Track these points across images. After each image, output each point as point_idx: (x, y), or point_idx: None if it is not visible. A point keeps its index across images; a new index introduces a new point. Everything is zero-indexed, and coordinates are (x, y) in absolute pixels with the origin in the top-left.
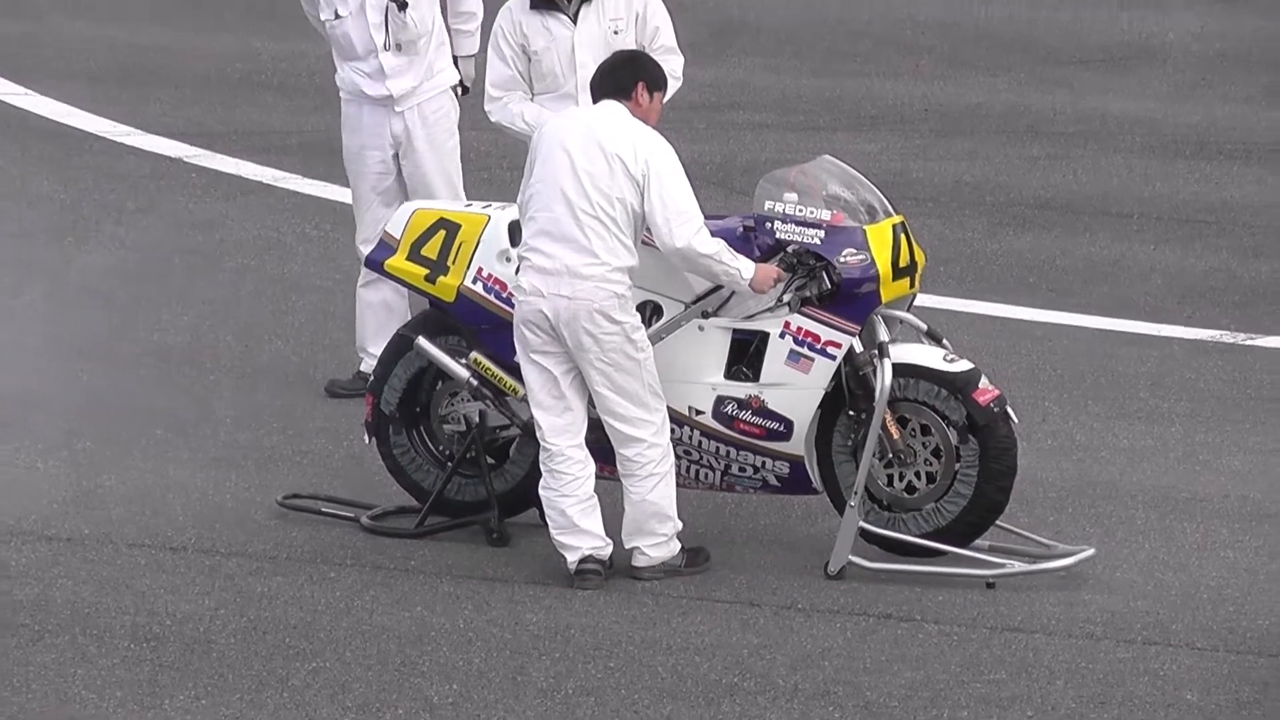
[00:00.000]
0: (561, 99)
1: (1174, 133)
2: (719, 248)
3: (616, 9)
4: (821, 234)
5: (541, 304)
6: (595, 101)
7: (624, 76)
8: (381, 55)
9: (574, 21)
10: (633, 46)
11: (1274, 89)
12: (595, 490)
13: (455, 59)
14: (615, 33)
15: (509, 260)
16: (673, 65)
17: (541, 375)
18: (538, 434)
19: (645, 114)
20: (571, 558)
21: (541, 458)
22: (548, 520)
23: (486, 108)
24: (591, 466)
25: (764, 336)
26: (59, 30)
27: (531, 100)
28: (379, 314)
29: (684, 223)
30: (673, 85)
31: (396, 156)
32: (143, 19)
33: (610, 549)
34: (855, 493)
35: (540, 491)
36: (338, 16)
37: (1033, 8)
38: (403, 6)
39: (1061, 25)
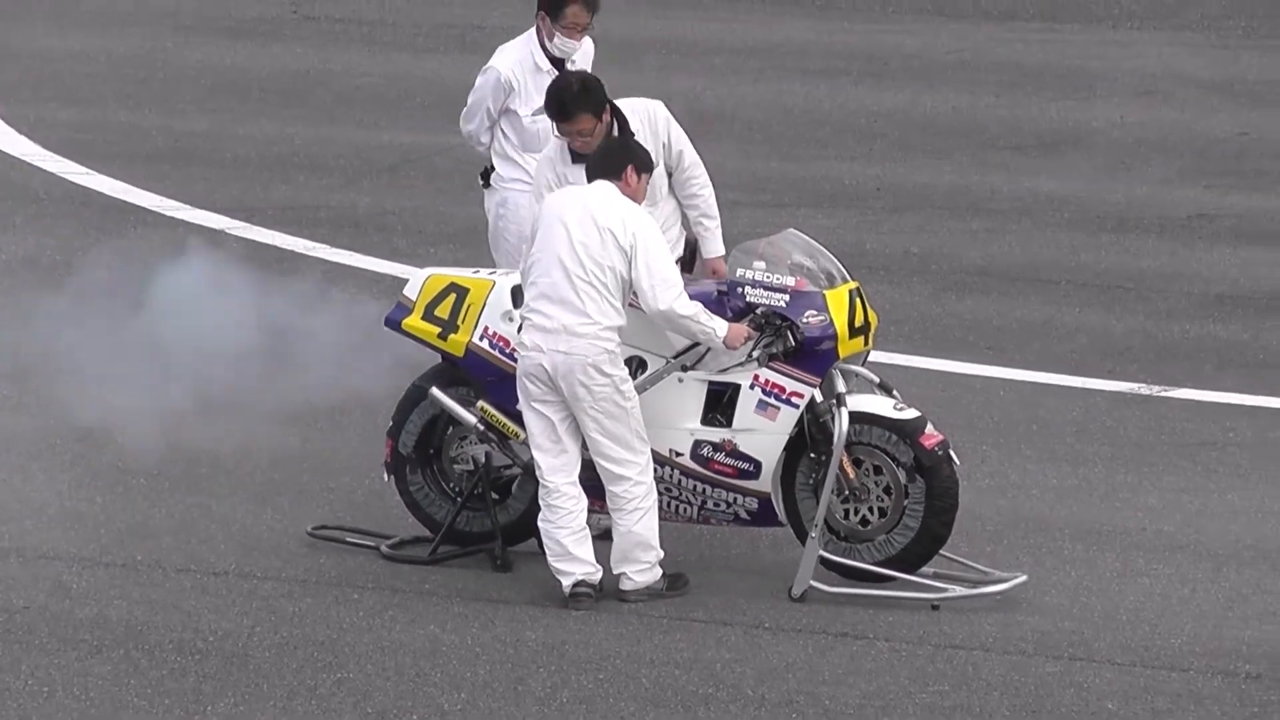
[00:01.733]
0: None
1: (1098, 210)
2: (696, 309)
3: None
4: (787, 298)
5: (541, 358)
6: (590, 181)
7: (616, 161)
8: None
9: None
10: (663, 173)
11: (1186, 172)
12: (587, 522)
13: None
14: None
15: (511, 320)
16: (702, 181)
17: (541, 421)
18: (537, 473)
19: (633, 193)
20: (566, 582)
21: (540, 494)
22: (545, 549)
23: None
24: (584, 502)
25: (736, 387)
26: (116, 118)
27: None
28: None
29: (667, 288)
30: (709, 195)
31: None
32: (190, 108)
33: (600, 574)
34: (816, 525)
35: (539, 523)
36: (542, 112)
37: (973, 99)
38: None
39: (999, 115)
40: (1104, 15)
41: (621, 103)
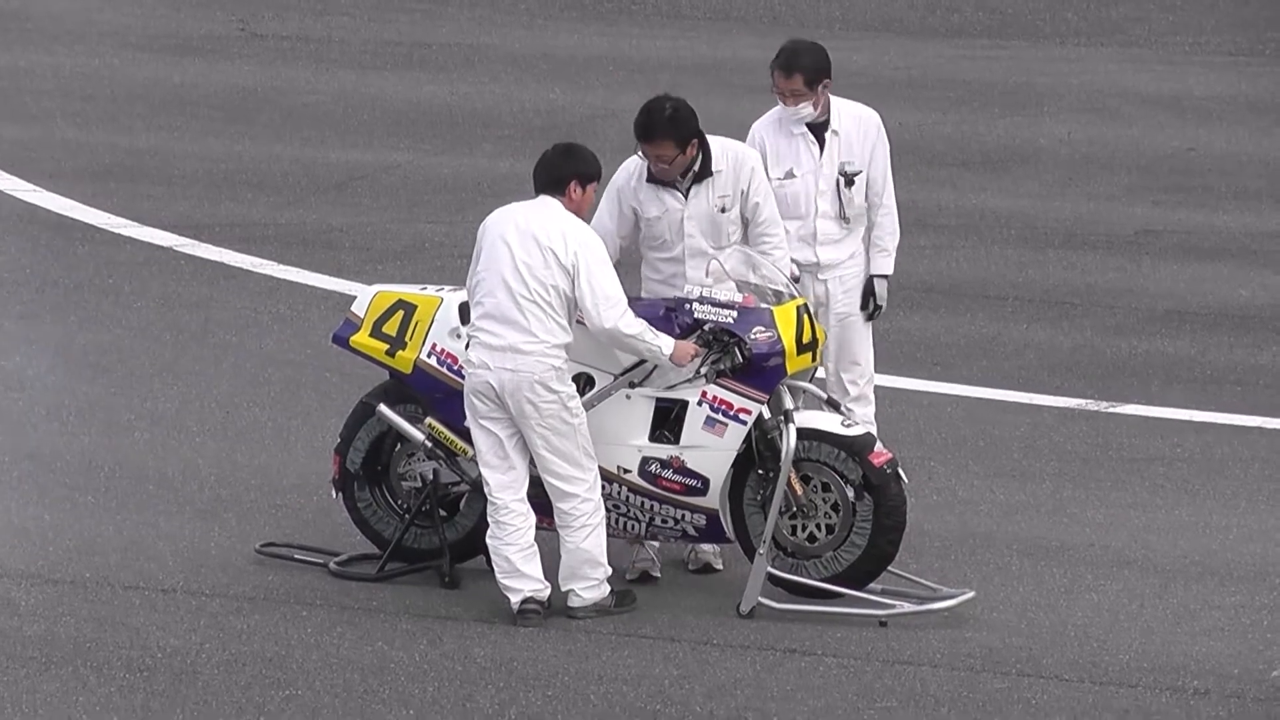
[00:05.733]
0: (669, 261)
1: (1045, 226)
2: (641, 328)
3: (724, 187)
4: (734, 314)
5: (488, 376)
6: (536, 193)
7: (559, 173)
8: (818, 221)
9: (685, 197)
10: (736, 221)
11: (1132, 188)
12: (535, 539)
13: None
14: (722, 210)
15: (459, 337)
16: (778, 239)
17: (488, 438)
18: (485, 490)
19: (577, 206)
20: (514, 599)
21: (488, 511)
22: (493, 565)
23: None
24: (532, 518)
25: (684, 404)
26: (63, 135)
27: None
28: None
29: (610, 307)
30: (780, 257)
31: None
32: (137, 125)
33: (549, 591)
34: (764, 541)
35: (487, 540)
36: (790, 176)
37: (920, 116)
38: (849, 183)
39: (946, 132)
40: (1051, 32)
41: (719, 140)
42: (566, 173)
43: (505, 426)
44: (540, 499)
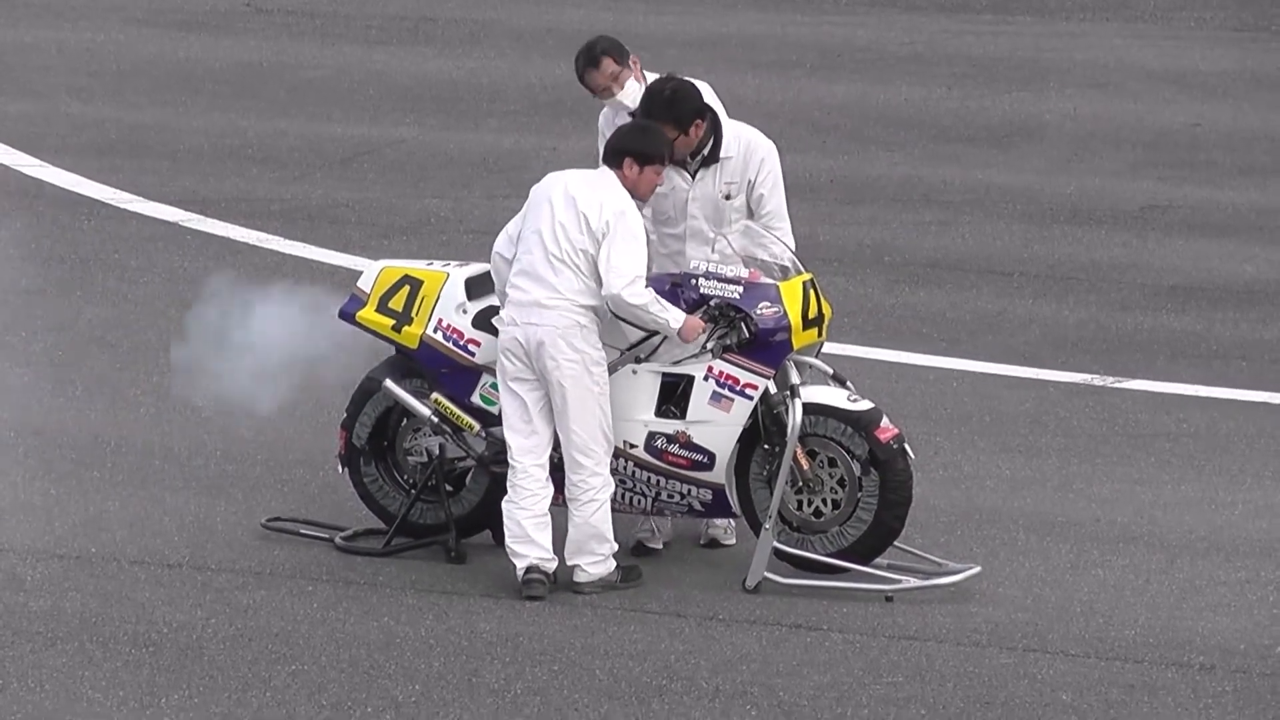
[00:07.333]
0: (674, 238)
1: (1050, 202)
2: (648, 299)
3: (732, 174)
4: (741, 289)
5: (515, 331)
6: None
7: (618, 147)
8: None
9: (692, 178)
10: (741, 209)
11: (1138, 163)
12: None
13: None
14: (727, 197)
15: (465, 312)
16: (782, 233)
17: (514, 401)
18: (508, 453)
19: (634, 184)
20: (520, 565)
21: (508, 474)
22: (505, 529)
23: None
24: (550, 489)
25: (690, 379)
26: (68, 110)
27: None
28: None
29: (618, 276)
30: (787, 255)
31: None
32: (142, 100)
33: (555, 564)
34: (770, 516)
35: (503, 505)
36: None
37: (926, 91)
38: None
39: (951, 107)
40: (1056, 7)
41: (735, 125)
42: (625, 148)
43: (532, 389)
44: (559, 476)
